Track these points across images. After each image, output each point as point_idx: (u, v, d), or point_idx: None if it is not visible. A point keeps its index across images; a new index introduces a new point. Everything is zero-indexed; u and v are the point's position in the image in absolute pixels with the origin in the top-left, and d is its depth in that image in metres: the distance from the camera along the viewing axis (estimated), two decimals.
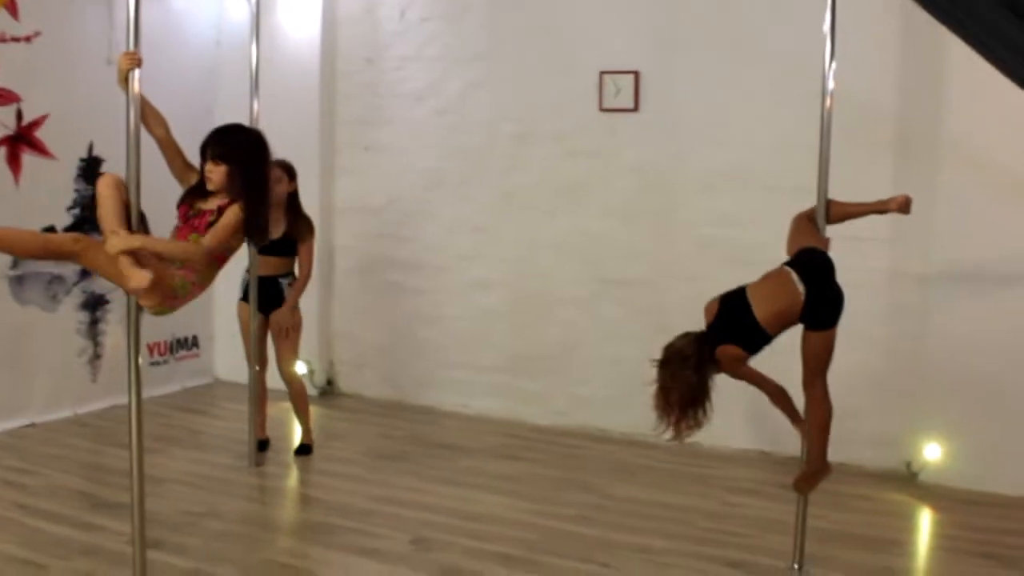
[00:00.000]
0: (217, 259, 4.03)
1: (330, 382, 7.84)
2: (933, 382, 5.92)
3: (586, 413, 6.90)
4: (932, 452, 5.85)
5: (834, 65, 4.46)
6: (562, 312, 6.96)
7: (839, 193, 5.61)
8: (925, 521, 5.49)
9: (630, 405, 6.74)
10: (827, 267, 4.26)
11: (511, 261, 7.13)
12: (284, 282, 6.08)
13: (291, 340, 6.12)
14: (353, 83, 7.55)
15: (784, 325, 4.22)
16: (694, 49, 6.42)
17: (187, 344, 7.93)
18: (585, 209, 6.84)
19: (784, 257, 4.51)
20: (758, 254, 6.28)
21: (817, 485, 4.51)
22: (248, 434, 6.01)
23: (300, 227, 6.06)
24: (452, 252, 7.33)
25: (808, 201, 6.08)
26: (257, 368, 6.07)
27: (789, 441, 6.15)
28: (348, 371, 7.83)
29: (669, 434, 4.26)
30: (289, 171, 6.04)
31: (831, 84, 4.48)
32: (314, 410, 7.22)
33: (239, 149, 4.12)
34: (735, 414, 6.39)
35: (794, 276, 4.18)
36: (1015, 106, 5.57)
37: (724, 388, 6.33)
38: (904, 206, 4.46)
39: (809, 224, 4.51)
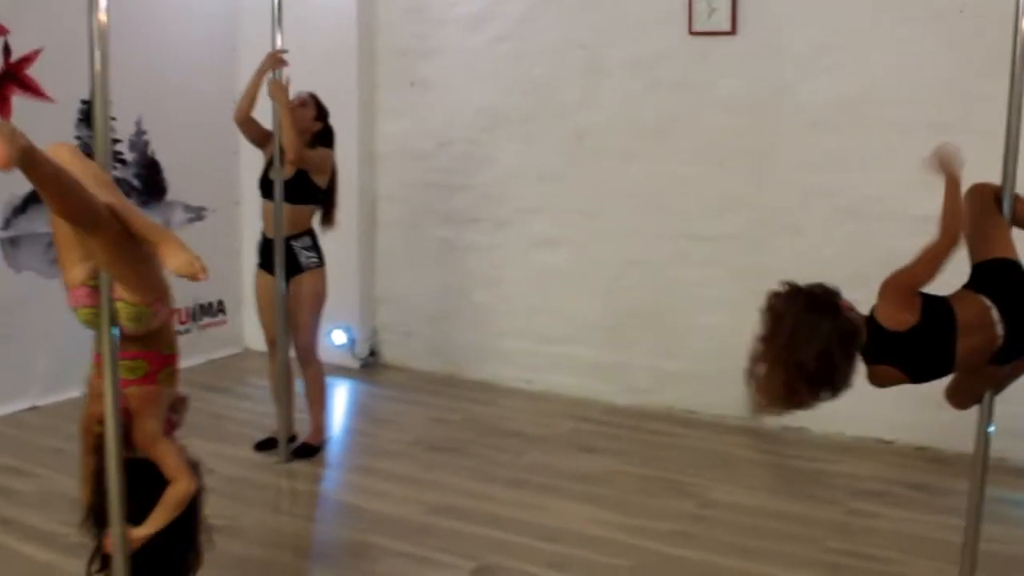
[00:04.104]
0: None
1: (373, 353, 6.91)
2: None
3: (671, 392, 5.91)
4: None
5: None
6: (642, 273, 5.95)
7: (963, 130, 4.53)
8: None
9: (723, 383, 5.70)
10: None
11: (582, 214, 6.11)
12: (298, 245, 5.03)
13: (313, 312, 5.16)
14: (396, 8, 6.51)
15: (969, 368, 3.13)
16: None
17: (212, 310, 7.03)
18: (670, 152, 5.79)
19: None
20: (878, 205, 5.28)
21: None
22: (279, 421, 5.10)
23: (327, 158, 5.07)
24: (513, 203, 6.32)
25: (946, 140, 5.07)
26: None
27: (915, 427, 5.21)
28: (394, 340, 6.89)
29: (760, 407, 2.99)
30: (320, 105, 5.09)
31: None
32: (356, 386, 6.38)
33: None
34: (854, 394, 5.39)
35: (995, 315, 3.04)
36: None
37: None
38: None
39: (996, 210, 3.33)
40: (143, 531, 2.92)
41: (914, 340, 2.94)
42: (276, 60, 4.82)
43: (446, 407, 6.03)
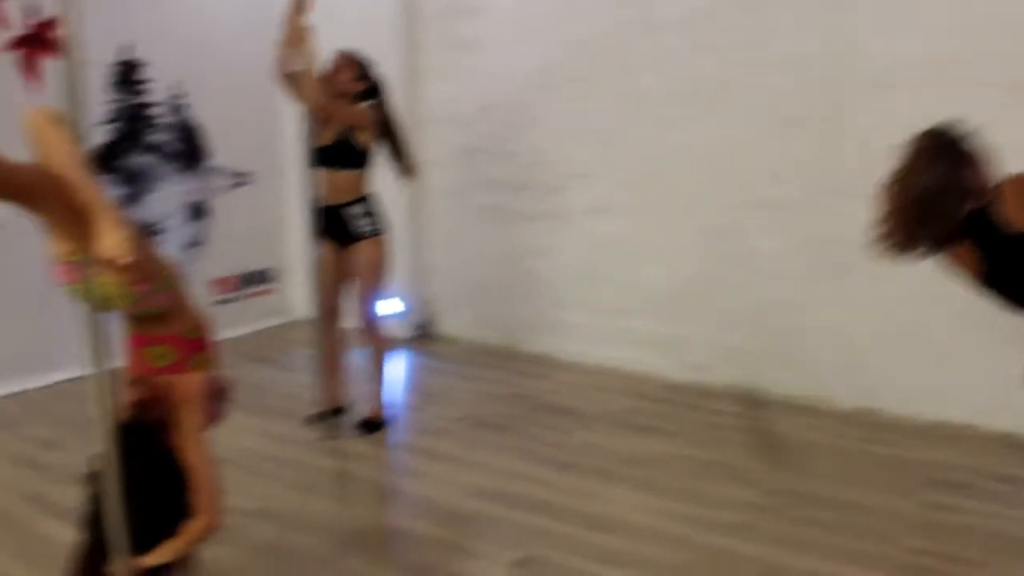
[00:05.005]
0: None
1: (426, 324, 6.65)
2: None
3: (733, 368, 5.56)
4: None
5: None
6: (703, 242, 5.59)
7: None
8: None
9: (791, 360, 5.43)
10: None
11: (636, 179, 5.77)
12: (349, 213, 4.78)
13: (371, 282, 4.90)
14: None
15: None
16: None
17: (258, 279, 6.83)
18: (728, 113, 5.41)
19: None
20: None
21: None
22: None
23: (358, 113, 4.76)
24: (564, 169, 6.00)
25: None
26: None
27: (1000, 411, 4.81)
28: (445, 311, 6.64)
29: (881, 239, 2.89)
30: (359, 63, 4.79)
31: None
32: (407, 358, 6.17)
33: None
34: (933, 374, 5.02)
35: None
36: None
37: (917, 342, 5.01)
38: None
39: None
40: (151, 559, 2.69)
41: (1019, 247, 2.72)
42: (300, 4, 4.49)
43: (498, 380, 5.77)
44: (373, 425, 4.95)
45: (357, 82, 4.75)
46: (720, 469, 4.49)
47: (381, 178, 4.98)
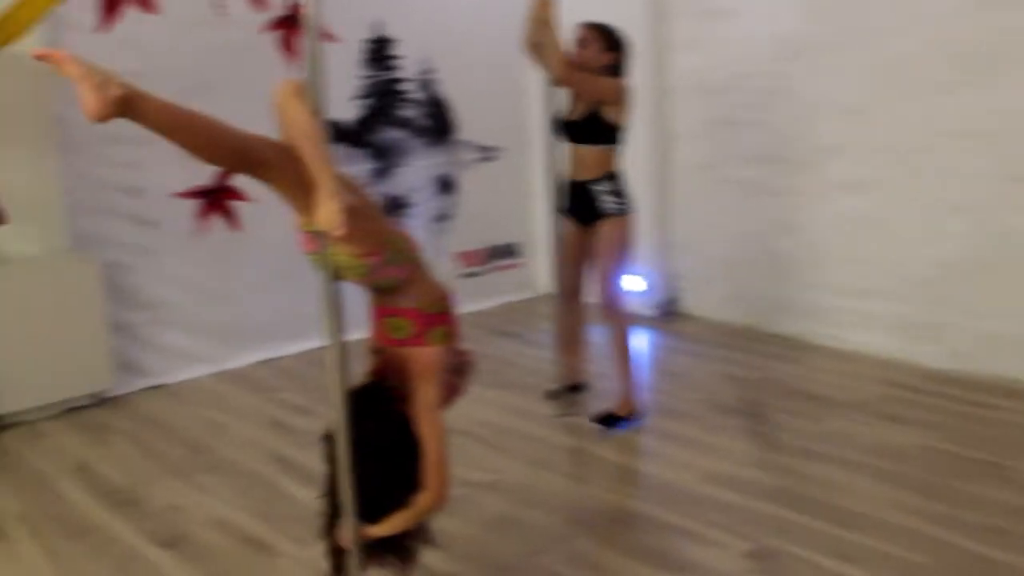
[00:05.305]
0: None
1: (670, 301, 6.55)
2: None
3: (999, 358, 5.15)
4: None
5: None
6: (966, 221, 5.20)
7: None
8: None
9: None
10: None
11: (894, 153, 5.42)
12: (597, 189, 4.61)
13: (613, 262, 4.71)
14: None
15: None
16: None
17: (505, 253, 6.92)
18: (998, 84, 4.97)
19: None
20: None
21: None
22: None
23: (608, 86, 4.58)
24: (815, 142, 5.73)
25: None
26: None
27: None
28: (691, 289, 6.51)
29: None
30: (605, 35, 4.61)
31: None
32: (649, 335, 6.13)
33: None
34: None
35: None
36: None
37: None
38: None
39: None
40: (379, 530, 2.79)
41: None
42: None
43: (743, 363, 5.60)
44: (612, 420, 4.71)
45: (604, 54, 4.63)
46: (979, 467, 4.17)
47: (629, 154, 4.87)
